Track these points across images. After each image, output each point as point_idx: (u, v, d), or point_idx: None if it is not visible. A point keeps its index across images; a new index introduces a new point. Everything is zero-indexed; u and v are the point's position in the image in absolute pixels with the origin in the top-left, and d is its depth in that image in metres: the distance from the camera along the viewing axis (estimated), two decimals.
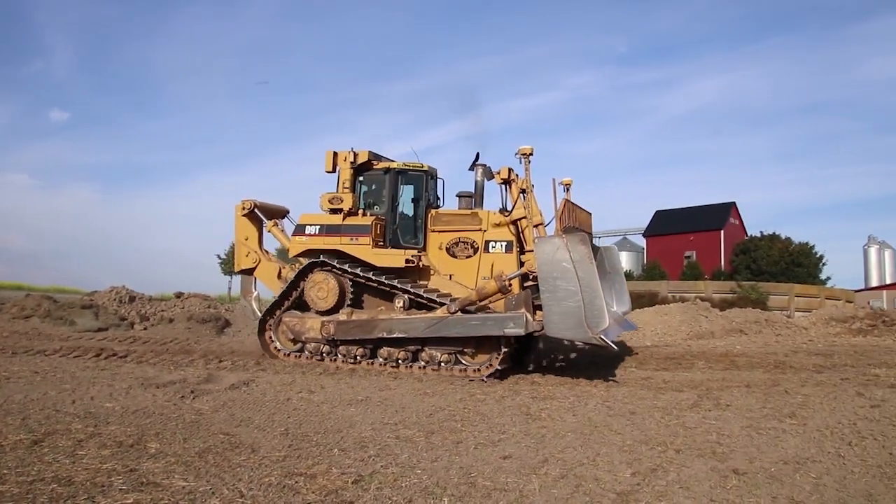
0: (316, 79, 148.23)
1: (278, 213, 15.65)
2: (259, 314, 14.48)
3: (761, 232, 52.56)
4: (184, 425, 7.91)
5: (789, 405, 9.72)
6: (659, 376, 12.58)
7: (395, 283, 12.76)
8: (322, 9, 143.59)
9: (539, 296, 11.33)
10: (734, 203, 63.55)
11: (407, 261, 12.91)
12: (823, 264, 49.74)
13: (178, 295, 26.38)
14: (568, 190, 13.73)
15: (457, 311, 11.94)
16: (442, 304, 12.20)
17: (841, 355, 16.54)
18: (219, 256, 64.78)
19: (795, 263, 47.41)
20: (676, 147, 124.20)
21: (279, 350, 13.91)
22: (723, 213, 62.38)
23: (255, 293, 15.32)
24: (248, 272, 15.29)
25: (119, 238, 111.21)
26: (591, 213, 14.52)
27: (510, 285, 11.86)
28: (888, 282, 72.67)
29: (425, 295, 12.47)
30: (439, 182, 14.17)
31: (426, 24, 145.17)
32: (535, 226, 12.64)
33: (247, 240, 15.25)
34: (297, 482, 5.82)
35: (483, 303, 12.05)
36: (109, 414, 8.33)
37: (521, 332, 11.44)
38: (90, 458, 6.31)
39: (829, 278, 49.89)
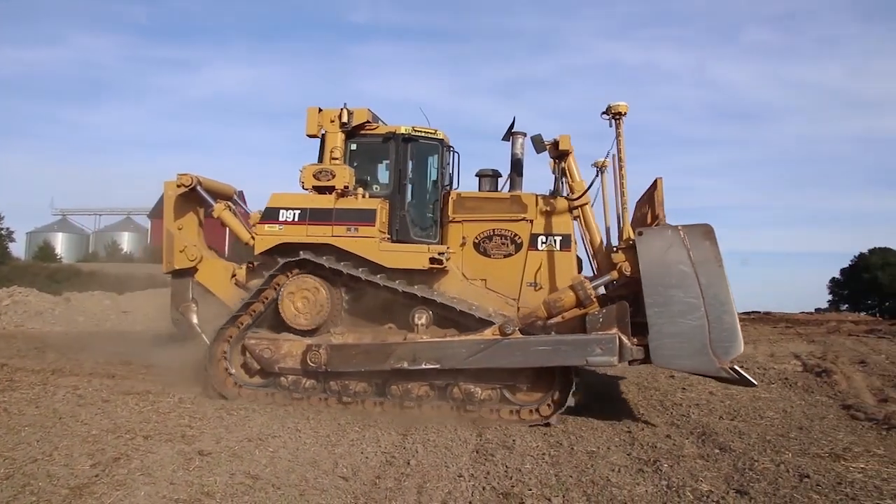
0: None
1: (224, 195, 11.30)
2: (199, 330, 10.48)
3: None
4: None
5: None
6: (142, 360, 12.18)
7: (414, 291, 9.21)
8: None
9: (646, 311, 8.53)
10: (241, 192, 64.93)
11: (432, 260, 9.37)
12: None
13: None
14: (602, 173, 10.37)
15: (513, 332, 8.81)
16: (490, 323, 8.91)
17: None
18: None
19: None
20: (190, 129, 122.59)
21: (240, 385, 9.72)
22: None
23: (193, 302, 10.79)
24: (184, 273, 10.80)
25: None
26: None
27: (593, 296, 8.86)
28: None
29: (467, 311, 9.02)
30: (453, 156, 10.55)
31: None
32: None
33: (180, 230, 10.86)
34: None
35: (553, 320, 8.97)
36: None
37: (612, 360, 8.59)
38: None
39: None
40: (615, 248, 9.15)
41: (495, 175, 10.42)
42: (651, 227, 8.81)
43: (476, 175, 10.52)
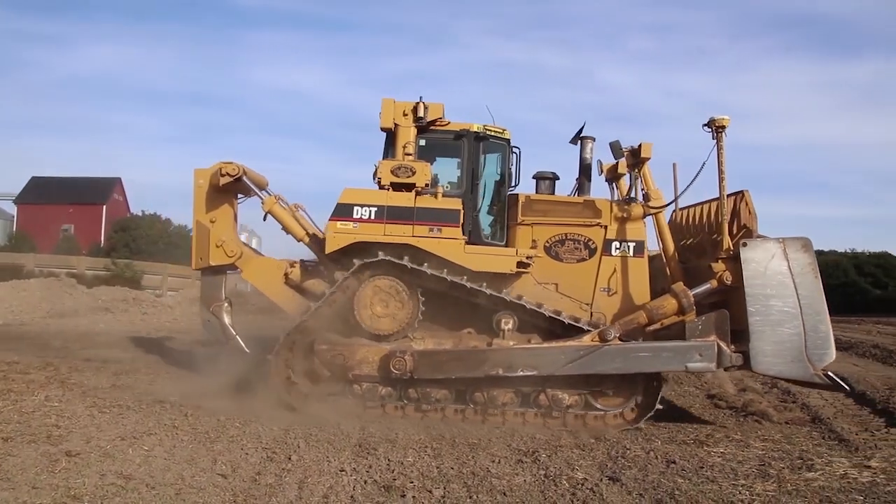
0: None
1: (261, 187, 10.15)
2: (234, 332, 9.91)
3: (143, 211, 53.16)
4: None
5: (140, 382, 10.07)
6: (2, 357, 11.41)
7: (523, 302, 8.83)
8: None
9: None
10: (119, 179, 62.23)
11: (520, 264, 9.02)
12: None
13: None
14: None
15: (614, 338, 8.56)
16: (586, 331, 8.71)
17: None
18: None
19: (174, 245, 49.23)
20: (60, 111, 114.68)
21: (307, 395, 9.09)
22: (107, 188, 60.51)
23: (226, 302, 10.06)
24: (218, 270, 10.02)
25: None
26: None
27: (692, 303, 8.76)
28: None
29: (574, 323, 8.81)
30: (513, 156, 10.08)
31: None
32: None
33: (213, 223, 9.89)
34: None
35: (653, 327, 8.88)
36: None
37: (711, 367, 8.66)
38: None
39: None
40: (719, 257, 8.99)
41: (554, 178, 10.25)
42: (754, 238, 8.88)
43: (533, 177, 10.28)
